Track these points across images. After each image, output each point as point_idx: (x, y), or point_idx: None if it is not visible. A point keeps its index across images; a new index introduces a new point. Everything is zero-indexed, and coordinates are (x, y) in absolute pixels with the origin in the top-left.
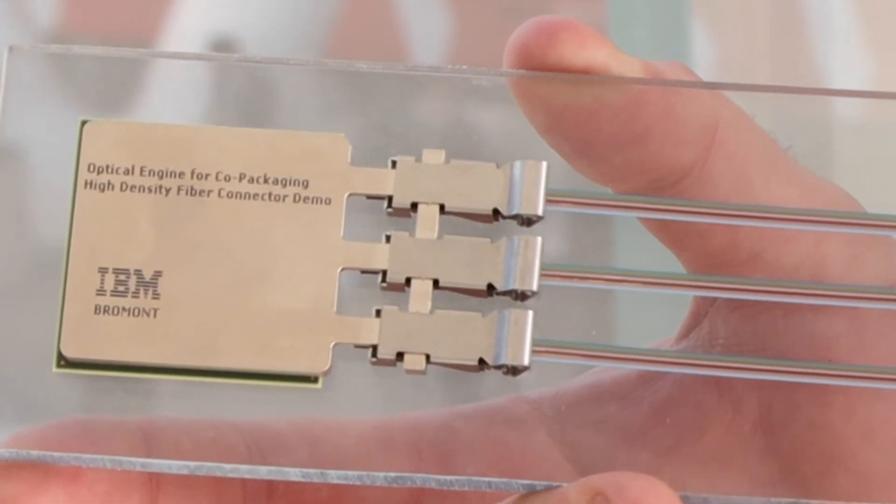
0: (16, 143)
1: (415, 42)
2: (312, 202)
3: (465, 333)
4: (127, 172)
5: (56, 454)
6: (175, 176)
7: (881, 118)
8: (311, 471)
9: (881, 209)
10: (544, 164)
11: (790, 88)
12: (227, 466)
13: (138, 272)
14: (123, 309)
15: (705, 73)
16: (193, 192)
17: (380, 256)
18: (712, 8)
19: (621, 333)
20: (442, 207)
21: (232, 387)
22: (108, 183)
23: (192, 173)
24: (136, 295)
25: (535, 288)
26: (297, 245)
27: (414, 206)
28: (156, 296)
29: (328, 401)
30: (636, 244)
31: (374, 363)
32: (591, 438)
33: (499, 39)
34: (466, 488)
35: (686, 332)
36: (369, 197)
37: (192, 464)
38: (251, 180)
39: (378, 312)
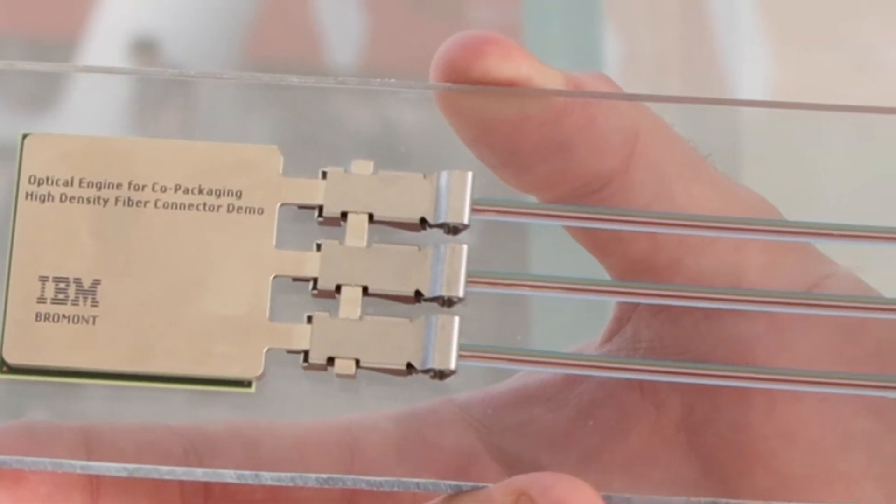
0: None
1: (330, 38)
2: (246, 212)
3: (394, 338)
4: (67, 184)
5: None
6: (113, 187)
7: (787, 120)
8: (246, 472)
9: (785, 207)
10: (470, 174)
11: (705, 99)
12: (165, 469)
13: (78, 280)
14: (63, 316)
15: (616, 72)
16: (131, 202)
17: (311, 264)
18: (623, 8)
19: (546, 337)
20: (371, 216)
21: (169, 391)
22: (49, 194)
23: (130, 185)
24: (75, 303)
25: (461, 294)
26: (231, 254)
27: (344, 215)
28: (95, 303)
29: (262, 405)
30: (553, 251)
31: (305, 368)
32: (517, 440)
33: (413, 36)
34: (396, 489)
35: (610, 336)
36: (300, 207)
37: (130, 466)
38: (186, 191)
39: (309, 319)
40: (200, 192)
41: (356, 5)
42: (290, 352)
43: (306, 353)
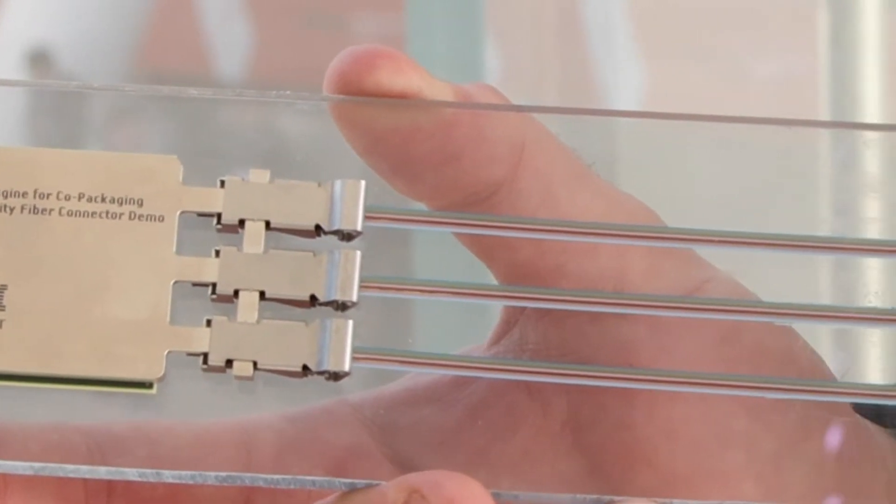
0: None
1: (219, 51)
2: (147, 219)
3: (290, 341)
4: None
5: None
6: (19, 196)
7: (660, 130)
8: (148, 470)
9: (661, 214)
10: (363, 182)
11: (591, 111)
12: (70, 467)
13: None
14: None
15: (497, 83)
16: (36, 210)
17: (210, 270)
18: (503, 23)
19: (432, 341)
20: (267, 223)
21: (74, 392)
22: None
23: (35, 193)
24: None
25: (354, 298)
26: (133, 260)
27: (241, 222)
28: (1, 308)
29: (163, 405)
30: (437, 256)
31: (205, 370)
32: (409, 439)
33: (297, 49)
34: (292, 486)
35: (497, 339)
36: (200, 214)
37: (37, 464)
38: (90, 199)
39: (208, 322)
40: (103, 200)
41: (243, 19)
42: (190, 354)
43: (205, 355)
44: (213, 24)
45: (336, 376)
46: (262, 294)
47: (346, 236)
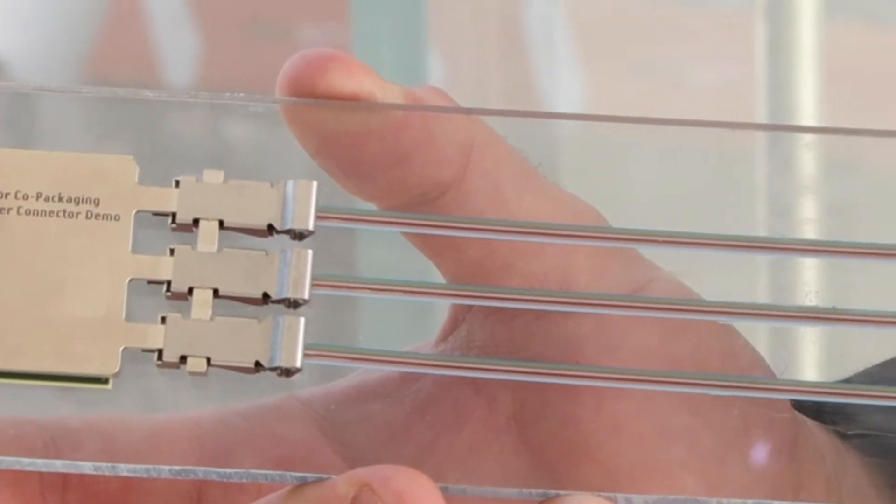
0: None
1: (167, 59)
2: (103, 219)
3: (243, 338)
4: None
5: None
6: None
7: (600, 135)
8: (103, 464)
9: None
10: (315, 183)
11: (533, 113)
12: (26, 460)
13: None
14: None
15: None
16: None
17: (165, 268)
18: (447, 32)
19: (378, 338)
20: (221, 223)
21: (31, 388)
22: None
23: None
24: None
25: (306, 296)
26: (90, 258)
27: (196, 221)
28: None
29: (118, 400)
30: (379, 255)
31: (159, 366)
32: (358, 434)
33: (244, 57)
34: (244, 480)
35: (445, 336)
36: (155, 213)
37: None
38: (47, 199)
39: (163, 319)
40: (60, 199)
41: (191, 29)
42: (145, 350)
43: (160, 351)
44: (161, 33)
45: (288, 372)
46: (215, 292)
47: (298, 235)
